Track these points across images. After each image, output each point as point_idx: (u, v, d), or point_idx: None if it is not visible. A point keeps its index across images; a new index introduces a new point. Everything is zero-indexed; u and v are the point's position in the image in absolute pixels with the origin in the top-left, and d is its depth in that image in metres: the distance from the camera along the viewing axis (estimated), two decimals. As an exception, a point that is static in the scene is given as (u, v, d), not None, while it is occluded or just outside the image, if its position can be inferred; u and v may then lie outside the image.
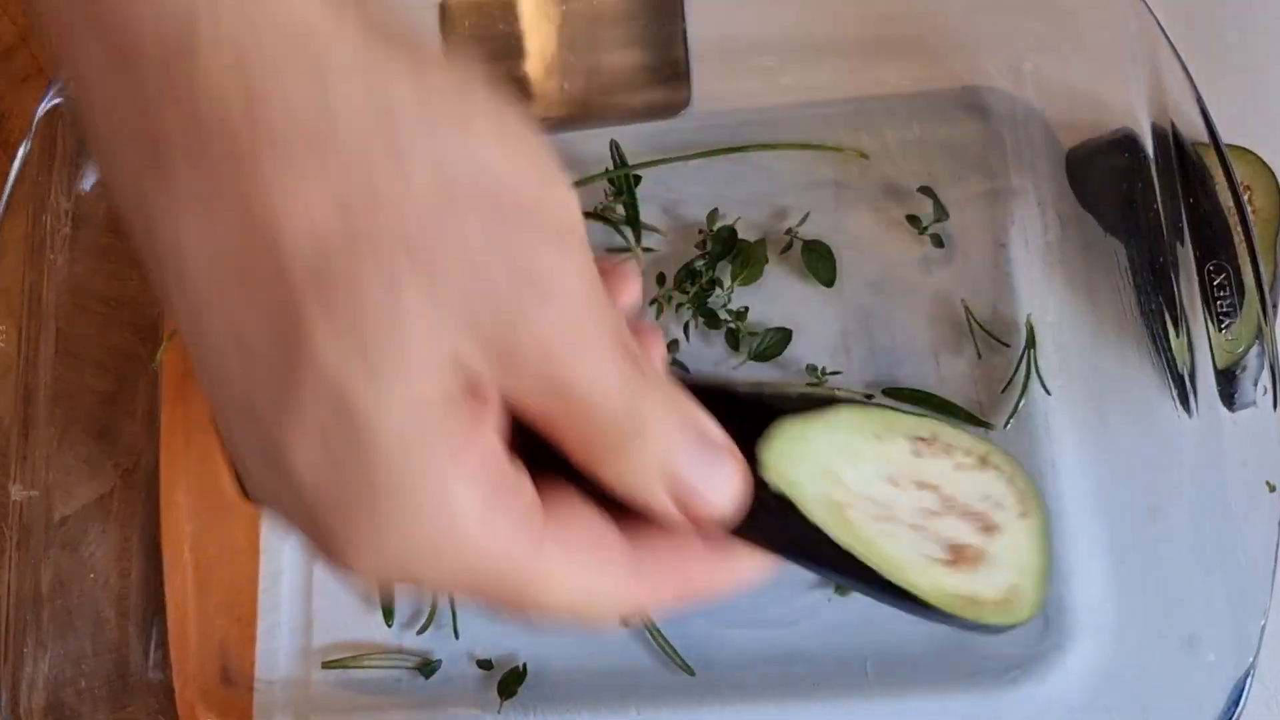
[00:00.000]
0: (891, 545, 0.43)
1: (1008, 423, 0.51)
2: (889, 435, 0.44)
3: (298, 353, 0.21)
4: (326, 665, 0.51)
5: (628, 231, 0.53)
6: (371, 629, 0.51)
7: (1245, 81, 0.55)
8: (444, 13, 0.54)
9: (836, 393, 0.47)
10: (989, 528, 0.44)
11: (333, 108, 0.21)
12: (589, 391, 0.24)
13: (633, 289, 0.30)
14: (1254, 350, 0.44)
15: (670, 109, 0.55)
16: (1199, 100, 0.46)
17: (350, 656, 0.51)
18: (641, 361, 0.25)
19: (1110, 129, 0.49)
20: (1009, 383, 0.51)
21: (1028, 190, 0.53)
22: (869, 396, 0.50)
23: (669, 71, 0.55)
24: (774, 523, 0.37)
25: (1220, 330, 0.45)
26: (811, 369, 0.52)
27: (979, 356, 0.52)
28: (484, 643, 0.51)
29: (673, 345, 0.53)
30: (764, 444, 0.39)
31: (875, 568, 0.41)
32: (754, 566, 0.31)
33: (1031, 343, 0.51)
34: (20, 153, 0.49)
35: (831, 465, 0.42)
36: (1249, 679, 0.42)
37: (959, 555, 0.43)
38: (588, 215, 0.32)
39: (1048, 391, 0.51)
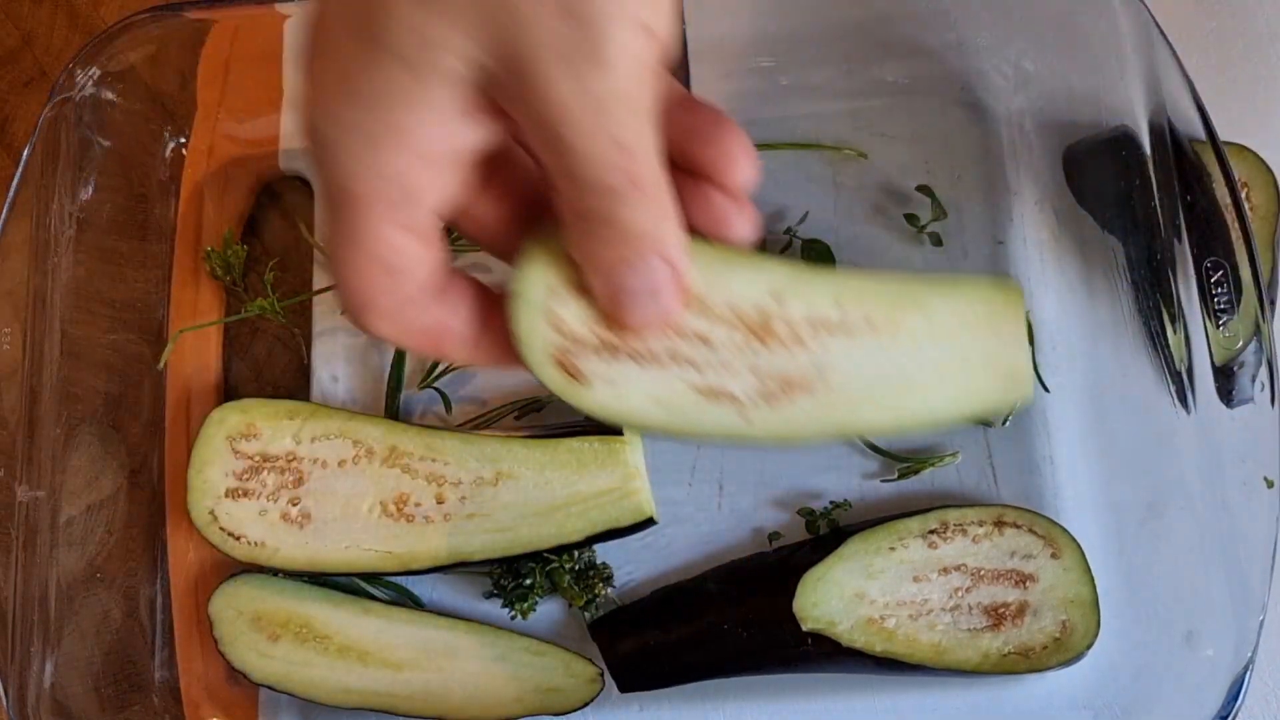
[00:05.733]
0: (932, 635, 0.46)
1: (1006, 420, 0.51)
2: (901, 542, 0.47)
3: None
4: (331, 664, 0.51)
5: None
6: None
7: (1242, 79, 0.55)
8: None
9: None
10: (1023, 579, 0.47)
11: None
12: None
13: (745, 157, 0.30)
14: (1251, 347, 0.44)
15: (670, 109, 0.55)
16: (1196, 98, 0.46)
17: (354, 655, 0.51)
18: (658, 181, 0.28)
19: (1108, 127, 0.49)
20: (1008, 380, 0.51)
21: (1025, 188, 0.54)
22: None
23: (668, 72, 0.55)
24: (816, 657, 0.46)
25: (1218, 327, 0.45)
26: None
27: (978, 354, 0.52)
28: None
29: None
30: (796, 601, 0.46)
31: (920, 664, 0.46)
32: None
33: (1030, 340, 0.51)
34: (24, 156, 0.49)
35: (857, 590, 0.47)
36: (1248, 673, 0.42)
37: (1000, 616, 0.46)
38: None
39: (1046, 389, 0.51)
